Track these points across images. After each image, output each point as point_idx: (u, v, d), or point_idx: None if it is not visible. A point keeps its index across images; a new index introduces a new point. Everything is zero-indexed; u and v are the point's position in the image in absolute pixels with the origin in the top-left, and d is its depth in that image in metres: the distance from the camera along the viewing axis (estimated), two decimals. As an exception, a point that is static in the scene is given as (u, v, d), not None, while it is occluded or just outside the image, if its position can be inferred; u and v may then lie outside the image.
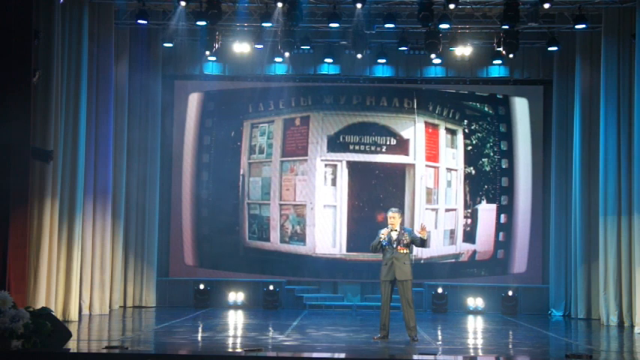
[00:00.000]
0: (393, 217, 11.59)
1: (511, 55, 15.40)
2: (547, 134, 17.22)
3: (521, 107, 17.43)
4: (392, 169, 17.49)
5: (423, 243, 11.55)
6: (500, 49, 15.37)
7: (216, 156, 17.65)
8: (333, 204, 17.47)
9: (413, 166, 17.38)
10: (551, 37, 16.02)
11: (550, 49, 16.15)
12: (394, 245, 11.46)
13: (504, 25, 14.56)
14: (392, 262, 11.46)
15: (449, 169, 17.43)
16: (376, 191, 17.48)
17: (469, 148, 17.44)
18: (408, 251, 11.54)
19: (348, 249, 17.32)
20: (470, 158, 17.43)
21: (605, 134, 14.90)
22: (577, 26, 15.01)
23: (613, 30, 14.84)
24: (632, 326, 14.04)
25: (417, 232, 11.64)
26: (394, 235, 11.49)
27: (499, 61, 16.87)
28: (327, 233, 17.43)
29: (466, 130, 17.47)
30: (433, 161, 17.41)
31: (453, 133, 17.50)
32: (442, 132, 17.48)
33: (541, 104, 17.40)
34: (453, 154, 17.44)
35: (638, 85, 13.74)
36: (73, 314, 13.69)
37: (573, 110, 16.36)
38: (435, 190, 17.40)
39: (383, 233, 11.58)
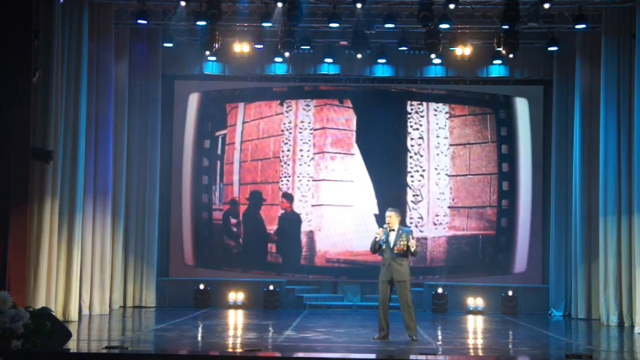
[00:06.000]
0: (390, 216, 11.39)
1: (511, 55, 15.37)
2: (547, 134, 17.21)
3: (521, 107, 17.41)
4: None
5: (412, 253, 11.40)
6: (501, 49, 15.34)
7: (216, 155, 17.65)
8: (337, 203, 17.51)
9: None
10: (551, 37, 16.02)
11: (550, 49, 16.16)
12: (391, 246, 11.36)
13: (504, 25, 14.54)
14: (389, 262, 11.33)
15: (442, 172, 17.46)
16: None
17: (468, 146, 17.45)
18: (405, 252, 11.38)
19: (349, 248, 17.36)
20: (469, 157, 17.43)
21: (605, 134, 14.89)
22: (577, 26, 15.00)
23: (613, 30, 14.84)
24: (632, 326, 14.04)
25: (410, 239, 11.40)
26: (392, 235, 11.36)
27: (499, 61, 16.87)
28: (329, 232, 17.46)
29: (467, 130, 17.48)
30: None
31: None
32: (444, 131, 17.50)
33: (541, 104, 17.39)
34: (452, 153, 17.44)
35: (638, 85, 13.73)
36: (73, 314, 13.68)
37: (573, 110, 16.36)
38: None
39: (378, 233, 11.42)
